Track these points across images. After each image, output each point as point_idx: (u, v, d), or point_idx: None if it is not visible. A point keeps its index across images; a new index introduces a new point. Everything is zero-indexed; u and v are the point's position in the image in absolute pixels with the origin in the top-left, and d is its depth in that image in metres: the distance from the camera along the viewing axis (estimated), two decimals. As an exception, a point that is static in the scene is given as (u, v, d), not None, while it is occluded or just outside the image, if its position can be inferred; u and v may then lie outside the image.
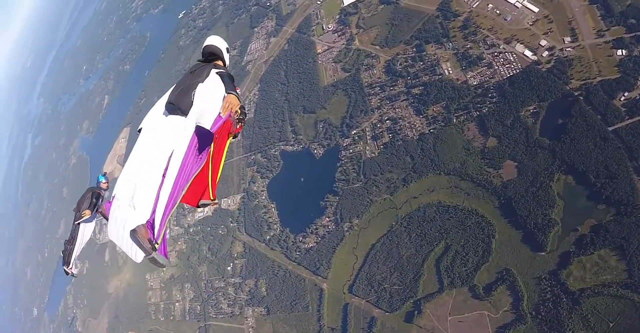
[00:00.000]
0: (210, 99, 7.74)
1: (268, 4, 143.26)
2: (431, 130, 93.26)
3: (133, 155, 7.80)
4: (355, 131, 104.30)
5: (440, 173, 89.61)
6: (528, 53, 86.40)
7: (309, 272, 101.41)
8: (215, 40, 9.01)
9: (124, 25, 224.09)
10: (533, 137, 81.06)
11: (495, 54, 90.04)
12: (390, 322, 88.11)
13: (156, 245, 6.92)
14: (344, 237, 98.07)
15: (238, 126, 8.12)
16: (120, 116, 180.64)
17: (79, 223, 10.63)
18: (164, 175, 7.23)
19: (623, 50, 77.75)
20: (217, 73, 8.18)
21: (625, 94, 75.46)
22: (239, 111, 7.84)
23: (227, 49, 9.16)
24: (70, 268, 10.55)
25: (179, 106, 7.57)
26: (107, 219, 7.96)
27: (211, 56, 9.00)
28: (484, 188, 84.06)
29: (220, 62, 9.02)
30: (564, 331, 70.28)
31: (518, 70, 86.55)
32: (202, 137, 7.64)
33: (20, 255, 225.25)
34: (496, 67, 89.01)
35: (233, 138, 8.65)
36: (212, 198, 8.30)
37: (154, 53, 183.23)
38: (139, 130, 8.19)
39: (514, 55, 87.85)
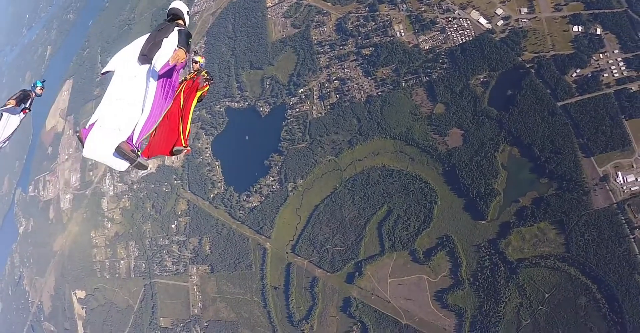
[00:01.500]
0: (169, 50, 8.47)
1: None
2: (379, 93, 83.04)
3: (111, 93, 8.65)
4: (302, 90, 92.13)
5: (386, 137, 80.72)
6: (483, 21, 76.31)
7: (253, 231, 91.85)
8: (178, 4, 9.68)
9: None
10: (481, 106, 72.62)
11: (450, 19, 79.09)
12: (332, 282, 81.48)
13: (139, 153, 8.15)
14: (288, 197, 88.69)
15: (205, 84, 10.05)
16: (63, 68, 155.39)
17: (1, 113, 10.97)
18: (142, 109, 8.43)
19: (579, 27, 69.37)
20: (178, 30, 8.98)
21: (578, 70, 67.87)
22: (206, 74, 10.17)
23: (187, 12, 9.83)
24: None
25: (151, 57, 8.52)
26: (83, 144, 8.35)
27: (175, 17, 9.64)
28: (429, 154, 76.11)
29: (181, 22, 9.61)
30: (500, 298, 65.63)
31: (471, 38, 76.73)
32: (168, 79, 8.78)
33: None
34: (449, 33, 78.47)
35: (199, 101, 9.94)
36: (184, 145, 9.00)
37: (98, 1, 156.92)
38: (104, 73, 9.16)
39: (468, 22, 77.44)
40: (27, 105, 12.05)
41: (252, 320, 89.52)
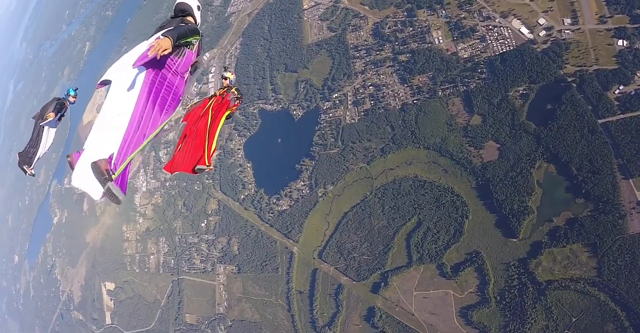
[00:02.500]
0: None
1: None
2: (415, 101, 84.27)
3: (105, 108, 8.07)
4: (336, 95, 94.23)
5: (419, 146, 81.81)
6: (524, 30, 76.08)
7: (281, 235, 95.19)
8: None
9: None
10: (519, 120, 72.81)
11: (490, 27, 79.30)
12: (357, 291, 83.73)
13: (113, 176, 7.07)
14: (317, 203, 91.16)
15: (236, 102, 9.67)
16: (101, 64, 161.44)
17: (42, 126, 10.71)
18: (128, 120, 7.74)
19: (624, 41, 68.20)
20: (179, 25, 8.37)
21: (621, 87, 66.89)
22: (236, 92, 9.67)
23: (198, 6, 9.04)
24: (31, 169, 10.69)
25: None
26: (73, 169, 7.66)
27: (183, 13, 8.98)
28: (463, 166, 76.92)
29: (190, 19, 8.94)
30: (526, 319, 66.34)
31: (512, 47, 76.62)
32: (162, 83, 8.25)
33: (0, 202, 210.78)
34: (489, 42, 78.77)
35: (227, 118, 9.51)
36: (207, 164, 8.74)
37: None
38: (103, 82, 8.35)
39: (509, 31, 77.42)
40: (62, 113, 12.48)
41: (276, 323, 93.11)
